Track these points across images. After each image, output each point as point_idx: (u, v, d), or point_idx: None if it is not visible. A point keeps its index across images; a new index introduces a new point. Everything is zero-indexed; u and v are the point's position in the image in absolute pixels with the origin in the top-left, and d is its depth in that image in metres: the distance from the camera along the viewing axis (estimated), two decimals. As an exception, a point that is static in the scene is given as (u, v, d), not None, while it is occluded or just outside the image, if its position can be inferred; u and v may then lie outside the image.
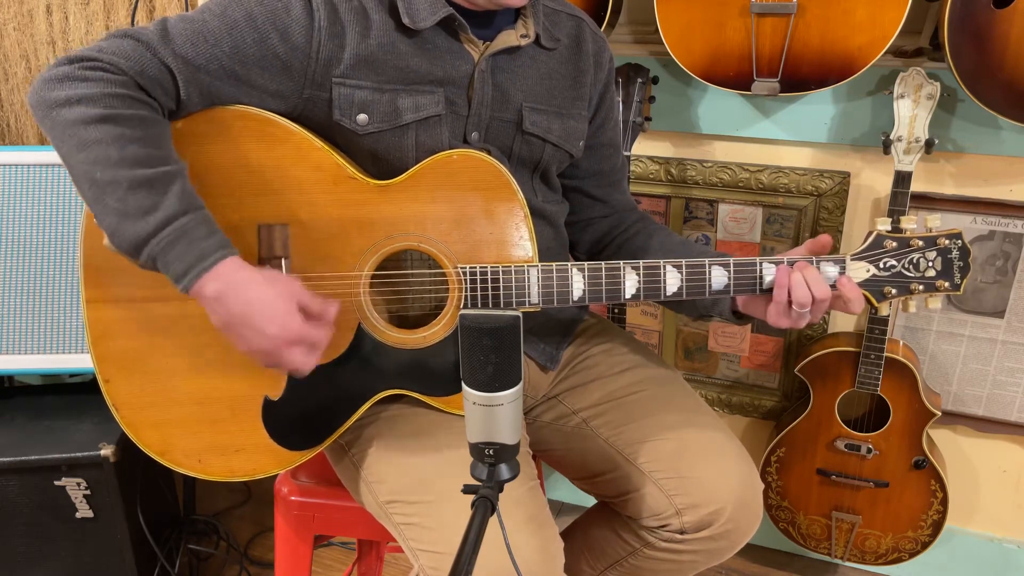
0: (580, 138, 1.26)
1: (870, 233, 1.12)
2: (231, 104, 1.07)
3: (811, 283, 1.08)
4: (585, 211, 1.36)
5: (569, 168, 1.32)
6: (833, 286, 1.10)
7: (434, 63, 1.11)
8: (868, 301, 1.13)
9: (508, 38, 1.15)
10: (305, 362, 1.02)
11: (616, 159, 1.37)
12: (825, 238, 1.12)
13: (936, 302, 1.13)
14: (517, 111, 1.18)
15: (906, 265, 1.11)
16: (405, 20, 1.08)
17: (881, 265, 1.11)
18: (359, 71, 1.08)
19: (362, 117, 1.09)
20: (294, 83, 1.07)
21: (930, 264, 1.11)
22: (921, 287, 1.11)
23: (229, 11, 1.04)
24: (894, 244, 1.11)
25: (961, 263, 1.11)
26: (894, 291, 1.12)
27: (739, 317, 1.20)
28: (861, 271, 1.12)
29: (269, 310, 0.98)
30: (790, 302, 1.09)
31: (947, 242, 1.10)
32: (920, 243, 1.11)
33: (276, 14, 1.05)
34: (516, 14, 1.17)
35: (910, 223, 1.11)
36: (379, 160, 1.13)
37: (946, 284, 1.11)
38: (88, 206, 0.99)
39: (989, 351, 1.73)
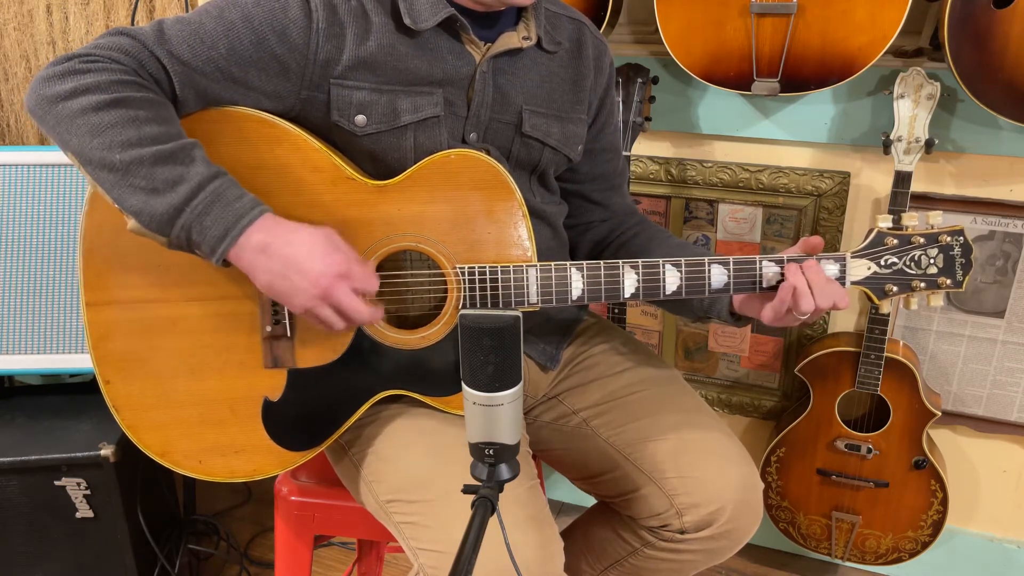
0: (579, 142, 1.26)
1: (871, 230, 1.11)
2: (228, 105, 1.07)
3: (816, 292, 1.05)
4: (585, 215, 1.36)
5: (569, 172, 1.32)
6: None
7: (434, 64, 1.11)
8: (869, 299, 1.12)
9: (510, 40, 1.14)
10: (353, 303, 1.01)
11: (616, 163, 1.36)
12: (816, 239, 1.10)
13: (938, 299, 1.12)
14: (517, 113, 1.17)
15: (907, 262, 1.10)
16: (407, 20, 1.08)
17: (882, 262, 1.10)
18: (358, 72, 1.08)
19: (360, 118, 1.09)
20: (291, 84, 1.07)
21: (932, 261, 1.09)
22: (923, 284, 1.10)
23: (226, 13, 1.04)
24: (895, 241, 1.10)
25: (963, 260, 1.09)
26: (895, 288, 1.11)
27: (736, 319, 1.20)
28: (862, 268, 1.10)
29: (312, 248, 0.99)
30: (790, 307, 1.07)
31: (949, 239, 1.09)
32: (922, 240, 1.09)
33: (274, 15, 1.04)
34: (518, 17, 1.17)
35: (911, 220, 1.10)
36: (377, 161, 1.12)
37: (948, 281, 1.10)
38: (107, 192, 0.98)
39: (989, 351, 1.73)
